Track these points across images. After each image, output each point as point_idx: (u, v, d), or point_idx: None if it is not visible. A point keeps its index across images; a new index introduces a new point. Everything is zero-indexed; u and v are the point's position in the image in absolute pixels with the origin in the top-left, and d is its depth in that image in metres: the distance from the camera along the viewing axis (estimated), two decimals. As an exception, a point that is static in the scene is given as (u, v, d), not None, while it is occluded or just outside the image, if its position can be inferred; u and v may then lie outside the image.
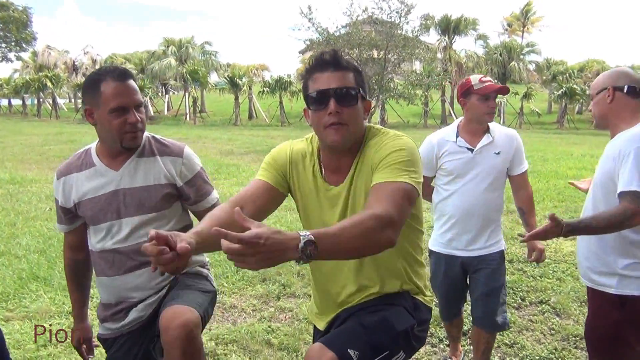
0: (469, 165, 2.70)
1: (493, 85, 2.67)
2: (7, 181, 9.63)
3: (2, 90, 43.18)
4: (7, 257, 5.13)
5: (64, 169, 2.15)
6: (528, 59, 38.46)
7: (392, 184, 1.54)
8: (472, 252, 2.79)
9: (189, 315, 1.82)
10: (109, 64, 41.16)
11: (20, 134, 22.14)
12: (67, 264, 2.31)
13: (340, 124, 1.62)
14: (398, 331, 1.65)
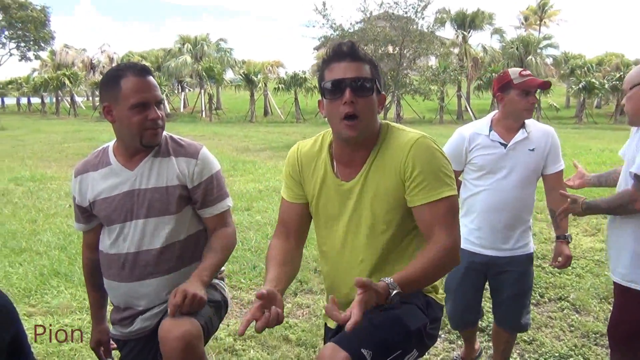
0: (501, 161, 2.57)
1: (534, 80, 2.53)
2: (27, 179, 9.78)
3: (22, 89, 43.76)
4: (28, 253, 5.22)
5: (81, 168, 2.13)
6: (545, 53, 38.00)
7: (442, 203, 1.63)
8: (500, 252, 2.64)
9: (188, 326, 1.77)
10: (126, 61, 41.56)
11: (39, 132, 22.47)
12: (85, 264, 2.27)
13: (355, 115, 1.62)
14: (411, 330, 1.64)
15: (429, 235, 1.65)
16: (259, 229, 6.11)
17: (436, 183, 1.62)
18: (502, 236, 2.63)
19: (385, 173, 1.68)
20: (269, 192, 8.39)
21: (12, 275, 4.54)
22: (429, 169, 1.63)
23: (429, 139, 1.69)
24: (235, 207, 7.21)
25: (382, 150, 1.70)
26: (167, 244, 2.03)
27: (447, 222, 1.63)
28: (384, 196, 1.69)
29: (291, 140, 17.84)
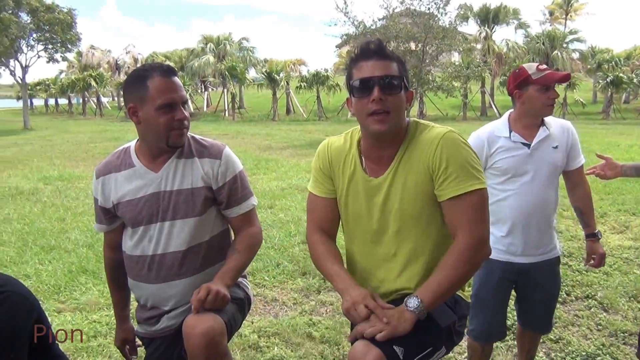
0: (526, 163, 2.42)
1: (554, 74, 2.41)
2: (56, 178, 9.99)
3: (50, 90, 44.76)
4: (57, 251, 5.34)
5: (102, 169, 2.10)
6: (572, 48, 37.32)
7: (470, 197, 1.63)
8: (530, 257, 2.51)
9: (211, 323, 1.78)
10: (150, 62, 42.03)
11: (67, 132, 22.93)
12: (107, 264, 2.27)
13: (384, 111, 1.65)
14: (441, 327, 1.66)
15: (454, 232, 1.66)
16: (282, 226, 6.14)
17: (465, 176, 1.63)
18: (533, 241, 2.49)
19: (414, 168, 1.70)
20: (292, 190, 8.43)
21: (42, 273, 4.65)
22: (457, 162, 1.64)
23: (457, 134, 1.70)
24: (258, 205, 7.19)
25: (410, 146, 1.72)
26: (193, 245, 2.04)
27: (475, 216, 1.64)
28: (412, 191, 1.70)
29: (313, 139, 17.88)
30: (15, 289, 1.63)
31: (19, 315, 1.60)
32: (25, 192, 8.65)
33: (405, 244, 1.75)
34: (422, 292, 1.60)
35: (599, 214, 6.32)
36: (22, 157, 13.95)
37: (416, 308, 1.57)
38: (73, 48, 29.85)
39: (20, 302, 1.62)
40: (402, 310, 1.59)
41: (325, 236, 1.90)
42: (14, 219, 6.80)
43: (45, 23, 25.96)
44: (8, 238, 5.84)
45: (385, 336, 1.52)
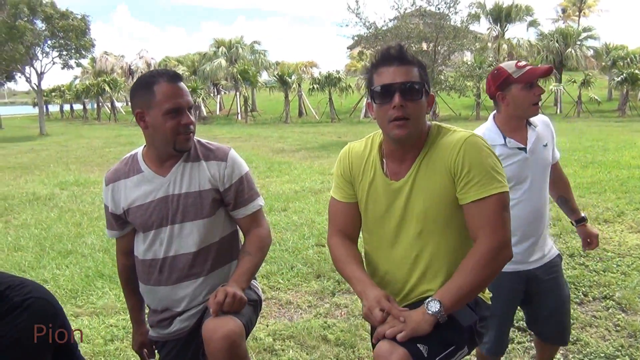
0: (526, 167, 2.35)
1: (535, 69, 2.29)
2: (72, 183, 10.10)
3: (65, 96, 45.25)
4: (74, 255, 5.40)
5: (111, 176, 2.13)
6: (586, 45, 36.93)
7: (492, 200, 1.64)
8: (537, 262, 2.44)
9: (231, 326, 1.80)
10: (162, 67, 42.40)
11: (82, 138, 23.18)
12: (121, 270, 2.29)
13: (405, 118, 1.66)
14: (464, 327, 1.66)
15: (475, 235, 1.67)
16: (295, 229, 6.14)
17: (487, 180, 1.64)
18: (540, 245, 2.45)
19: (435, 172, 1.71)
20: (305, 192, 8.43)
21: (59, 277, 4.70)
22: (479, 166, 1.65)
23: (479, 137, 1.71)
24: (271, 207, 7.28)
25: (431, 150, 1.73)
26: (203, 247, 2.07)
27: (494, 220, 1.64)
28: (433, 194, 1.71)
29: (326, 140, 17.89)
30: (41, 295, 1.67)
31: (44, 321, 1.62)
32: (42, 197, 8.77)
33: (427, 247, 1.76)
34: (443, 295, 1.61)
35: (615, 213, 6.25)
36: (39, 162, 14.14)
37: (436, 312, 1.58)
38: (87, 54, 30.15)
39: (45, 308, 1.65)
40: (422, 312, 1.60)
41: (345, 239, 1.92)
42: (31, 224, 6.89)
43: (60, 30, 26.28)
44: (26, 243, 5.92)
45: (405, 337, 1.54)
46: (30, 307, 1.60)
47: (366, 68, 1.83)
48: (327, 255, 5.06)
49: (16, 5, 24.88)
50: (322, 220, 6.48)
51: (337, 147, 15.04)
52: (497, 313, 2.43)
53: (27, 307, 1.59)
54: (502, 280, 2.34)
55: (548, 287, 2.48)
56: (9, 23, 24.66)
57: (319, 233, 5.86)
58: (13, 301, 1.59)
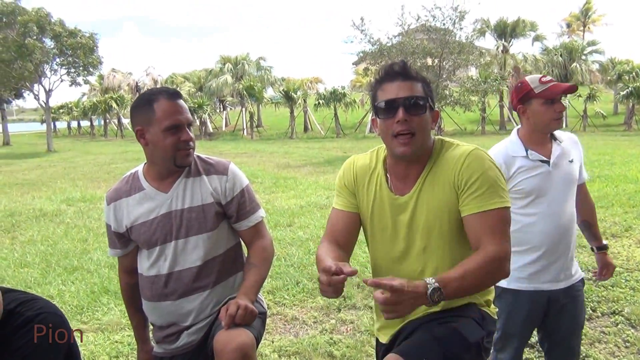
0: (549, 181, 2.29)
1: (558, 86, 2.27)
2: (78, 199, 10.14)
3: (72, 113, 45.66)
4: (80, 272, 5.40)
5: (113, 195, 2.14)
6: (591, 59, 36.99)
7: (495, 214, 1.62)
8: (559, 283, 2.36)
9: (244, 338, 1.82)
10: (169, 83, 42.77)
11: (89, 154, 23.32)
12: (124, 289, 2.30)
13: (409, 133, 1.66)
14: (470, 342, 1.65)
15: (477, 244, 1.64)
16: (301, 244, 6.13)
17: (489, 194, 1.63)
18: (562, 265, 2.35)
19: (439, 187, 1.71)
20: (311, 207, 8.43)
21: (65, 293, 4.71)
22: (482, 179, 1.64)
23: (483, 151, 1.71)
24: (277, 223, 7.28)
25: (435, 164, 1.73)
26: (207, 260, 2.09)
27: (497, 232, 1.62)
28: (438, 209, 1.71)
29: (332, 156, 17.91)
30: (52, 310, 1.72)
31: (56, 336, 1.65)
32: (49, 213, 8.80)
33: (432, 262, 1.75)
34: (445, 285, 1.49)
35: (623, 227, 6.20)
36: (46, 179, 14.23)
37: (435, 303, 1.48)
38: (95, 71, 30.49)
39: (58, 324, 1.68)
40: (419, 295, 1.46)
41: (333, 245, 1.81)
42: (38, 240, 6.91)
43: (68, 48, 26.61)
44: (32, 259, 5.93)
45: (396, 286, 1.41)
46: (43, 321, 1.64)
47: (371, 84, 1.84)
48: (332, 271, 5.04)
49: (25, 24, 25.24)
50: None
51: (342, 162, 14.82)
52: (513, 332, 2.43)
53: (41, 321, 1.64)
54: (520, 299, 2.36)
55: (566, 311, 2.41)
56: (19, 41, 25.01)
57: (325, 248, 5.83)
58: (25, 316, 1.64)
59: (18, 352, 1.58)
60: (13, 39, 24.99)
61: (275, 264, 5.37)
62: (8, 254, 6.22)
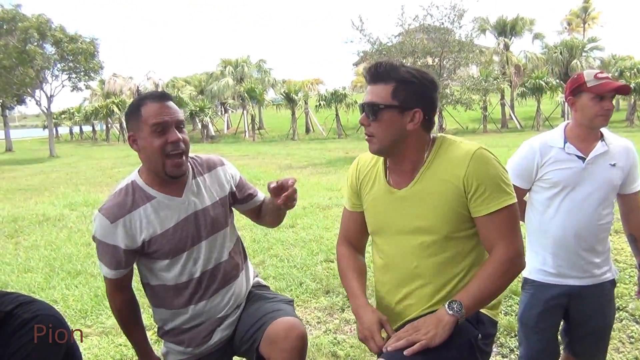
0: (580, 177, 2.27)
1: (611, 83, 2.25)
2: (81, 204, 10.15)
3: (74, 118, 45.79)
4: (84, 276, 5.40)
5: (116, 212, 1.95)
6: (592, 56, 36.91)
7: (504, 213, 1.69)
8: (582, 280, 2.34)
9: (302, 329, 1.94)
10: (170, 87, 42.84)
11: (91, 159, 23.36)
12: (121, 309, 2.11)
13: (368, 135, 1.77)
14: (460, 343, 1.64)
15: (490, 247, 1.71)
16: (304, 245, 6.13)
17: (497, 193, 1.68)
18: (585, 262, 2.33)
19: (438, 183, 1.72)
20: (313, 208, 8.42)
21: (68, 297, 4.71)
22: (489, 180, 1.68)
23: (486, 150, 1.73)
24: (280, 224, 7.26)
25: (435, 161, 1.76)
26: (231, 251, 2.16)
27: (509, 231, 1.69)
28: (436, 204, 1.72)
29: (333, 157, 17.91)
30: (50, 313, 1.72)
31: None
32: (52, 218, 8.81)
33: (427, 257, 1.75)
34: (463, 296, 1.64)
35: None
36: (49, 184, 14.25)
37: (457, 312, 1.61)
38: (96, 76, 30.57)
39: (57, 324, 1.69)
40: (440, 316, 1.62)
41: (350, 249, 2.01)
42: (41, 245, 6.92)
43: (69, 53, 26.68)
44: (36, 264, 5.94)
45: (421, 347, 1.56)
46: (42, 321, 1.64)
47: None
48: (335, 271, 5.04)
49: (26, 30, 25.31)
50: (330, 236, 6.47)
51: (344, 163, 15.07)
52: (527, 323, 2.45)
53: (40, 322, 1.64)
54: (538, 291, 2.39)
55: (591, 310, 2.39)
56: (20, 48, 25.09)
57: (328, 249, 5.84)
58: (22, 318, 1.64)
59: (17, 353, 1.58)
60: (14, 46, 25.07)
61: (278, 264, 5.37)
62: (12, 259, 6.23)
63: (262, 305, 2.14)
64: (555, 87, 29.54)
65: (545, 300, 2.39)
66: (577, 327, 2.46)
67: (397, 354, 1.59)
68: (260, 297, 2.20)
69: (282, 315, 2.01)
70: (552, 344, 2.49)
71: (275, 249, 6.03)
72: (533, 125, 29.84)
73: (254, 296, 2.22)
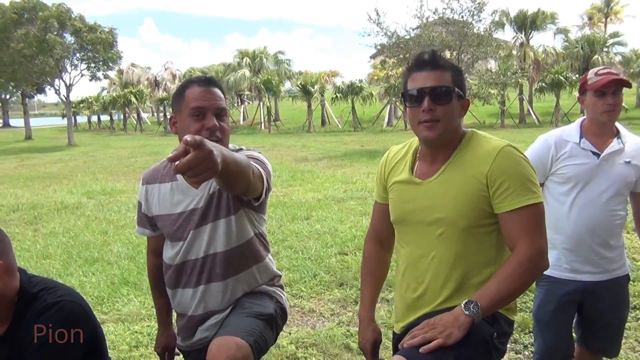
0: (593, 173, 2.28)
1: (607, 77, 2.25)
2: (98, 192, 10.28)
3: (92, 108, 46.24)
4: (100, 263, 5.49)
5: (150, 177, 2.11)
6: (613, 51, 36.30)
7: (528, 210, 1.64)
8: (596, 275, 2.34)
9: (233, 351, 1.71)
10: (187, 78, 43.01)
11: (109, 148, 23.60)
12: (150, 270, 2.26)
13: (433, 120, 1.70)
14: (476, 341, 1.63)
15: (512, 245, 1.68)
16: (318, 237, 6.15)
17: (522, 190, 1.64)
18: (599, 258, 2.33)
19: (463, 176, 1.71)
20: (328, 201, 8.44)
21: (85, 284, 4.78)
22: (515, 176, 1.65)
23: (515, 148, 1.71)
24: (294, 216, 7.30)
25: (462, 154, 1.75)
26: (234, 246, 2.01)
27: (532, 229, 1.65)
28: (457, 197, 1.71)
29: (349, 149, 17.88)
30: (72, 298, 1.74)
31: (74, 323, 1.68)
32: (70, 206, 8.94)
33: (446, 248, 1.75)
34: (481, 297, 1.62)
35: None
36: (67, 172, 14.44)
37: (474, 313, 1.59)
38: (114, 66, 30.81)
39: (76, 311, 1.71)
40: (455, 315, 1.60)
41: (376, 247, 2.05)
42: (59, 232, 7.03)
43: (88, 43, 26.91)
44: (54, 251, 6.04)
45: (436, 345, 1.55)
46: (62, 309, 1.66)
47: (387, 76, 1.87)
48: (349, 264, 5.06)
49: (46, 20, 25.57)
50: (345, 228, 6.47)
51: (359, 156, 15.05)
52: (542, 319, 2.46)
53: (59, 308, 1.66)
54: (553, 287, 2.39)
55: (605, 305, 2.39)
56: (40, 37, 25.34)
57: (342, 242, 5.85)
58: (47, 302, 1.67)
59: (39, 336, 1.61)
60: (34, 35, 25.33)
61: (292, 256, 5.40)
62: (31, 246, 6.34)
63: (228, 318, 2.01)
64: (574, 82, 29.12)
65: (559, 296, 2.40)
66: (591, 321, 2.46)
67: (413, 351, 1.58)
68: (239, 306, 2.04)
69: (221, 334, 1.84)
70: (566, 339, 2.50)
71: (289, 241, 6.06)
72: (551, 120, 29.49)
73: (237, 305, 2.05)
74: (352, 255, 5.39)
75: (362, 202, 8.05)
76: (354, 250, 5.51)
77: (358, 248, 5.47)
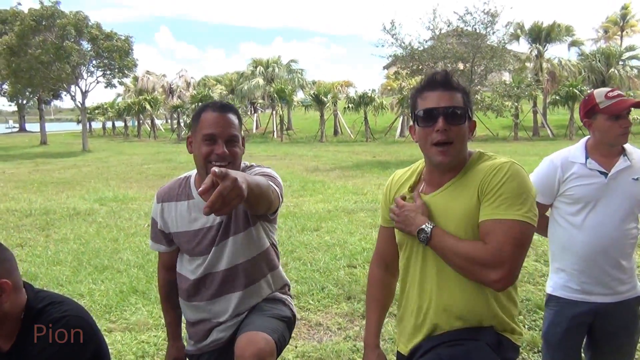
0: (602, 193, 2.26)
1: (624, 102, 2.24)
2: (110, 199, 10.35)
3: (107, 114, 46.70)
4: (110, 271, 5.51)
5: (164, 195, 2.17)
6: (630, 65, 35.98)
7: (509, 225, 1.58)
8: (607, 297, 2.31)
9: (262, 345, 1.83)
10: (201, 86, 43.36)
11: (122, 154, 23.78)
12: (162, 285, 2.34)
13: (447, 142, 1.68)
14: None
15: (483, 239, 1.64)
16: (327, 249, 6.12)
17: (512, 203, 1.60)
18: (610, 279, 2.29)
19: (464, 193, 1.70)
20: (338, 212, 8.41)
21: (94, 292, 4.80)
22: (509, 189, 1.61)
23: (518, 165, 1.68)
24: (304, 227, 7.28)
25: (467, 173, 1.73)
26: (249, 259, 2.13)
27: (505, 240, 1.56)
28: (457, 213, 1.69)
29: (361, 160, 17.86)
30: (77, 313, 1.77)
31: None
32: (82, 212, 9.01)
33: (444, 266, 1.72)
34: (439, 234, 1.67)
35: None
36: (80, 178, 14.56)
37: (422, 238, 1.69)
38: (129, 73, 31.14)
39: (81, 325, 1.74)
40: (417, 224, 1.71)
41: (381, 270, 2.04)
42: (70, 239, 7.08)
43: (104, 50, 27.25)
44: (65, 257, 6.08)
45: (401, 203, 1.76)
46: (67, 324, 1.69)
47: (401, 87, 1.86)
48: (358, 277, 5.03)
49: (64, 27, 25.92)
50: (354, 241, 6.45)
51: (371, 167, 15.01)
52: (554, 342, 2.42)
53: (65, 324, 1.69)
54: (564, 308, 2.36)
55: (615, 327, 2.36)
56: (57, 44, 25.70)
57: (351, 254, 5.82)
58: (52, 316, 1.70)
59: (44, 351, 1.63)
60: (52, 42, 25.69)
61: (300, 268, 5.38)
62: (42, 252, 6.39)
63: (248, 318, 2.12)
64: (590, 95, 28.88)
65: (570, 318, 2.36)
66: (601, 344, 2.42)
67: None
68: (257, 309, 2.16)
69: (248, 330, 1.95)
70: (576, 358, 2.46)
71: (298, 252, 6.04)
72: (566, 134, 29.27)
73: (255, 308, 2.18)
74: (360, 268, 5.35)
75: (372, 214, 8.02)
76: (362, 263, 5.48)
77: (367, 261, 5.43)
